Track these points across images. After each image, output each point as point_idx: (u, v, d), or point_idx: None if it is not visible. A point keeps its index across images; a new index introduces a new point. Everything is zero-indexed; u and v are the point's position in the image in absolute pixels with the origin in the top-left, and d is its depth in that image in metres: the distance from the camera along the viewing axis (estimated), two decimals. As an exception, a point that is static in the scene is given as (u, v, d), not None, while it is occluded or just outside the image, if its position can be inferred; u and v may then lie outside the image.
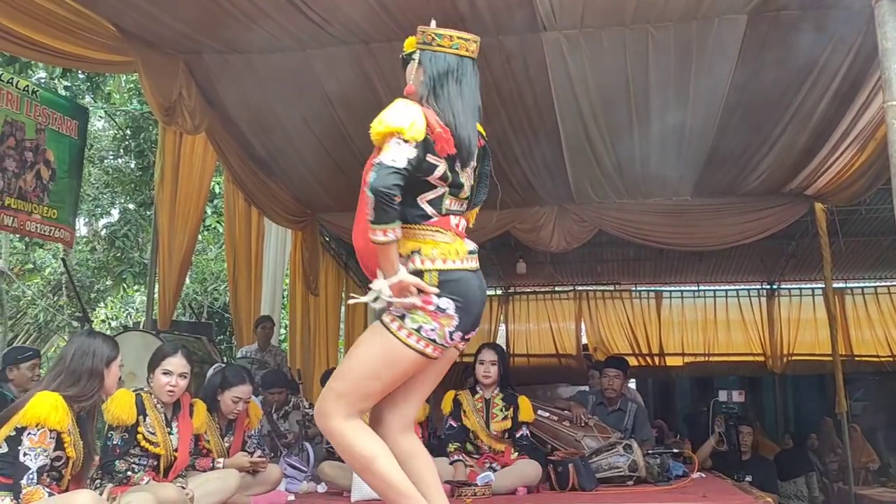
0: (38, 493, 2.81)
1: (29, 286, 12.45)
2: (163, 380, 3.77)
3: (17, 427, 2.83)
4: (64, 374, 2.98)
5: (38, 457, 2.82)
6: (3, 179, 5.75)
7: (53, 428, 2.84)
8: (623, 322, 11.79)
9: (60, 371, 3.00)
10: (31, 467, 2.81)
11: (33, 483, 2.81)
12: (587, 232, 7.70)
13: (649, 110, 5.90)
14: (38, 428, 2.81)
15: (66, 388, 2.94)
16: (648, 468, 4.99)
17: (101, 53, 5.28)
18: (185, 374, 3.82)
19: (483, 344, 5.40)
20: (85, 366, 2.99)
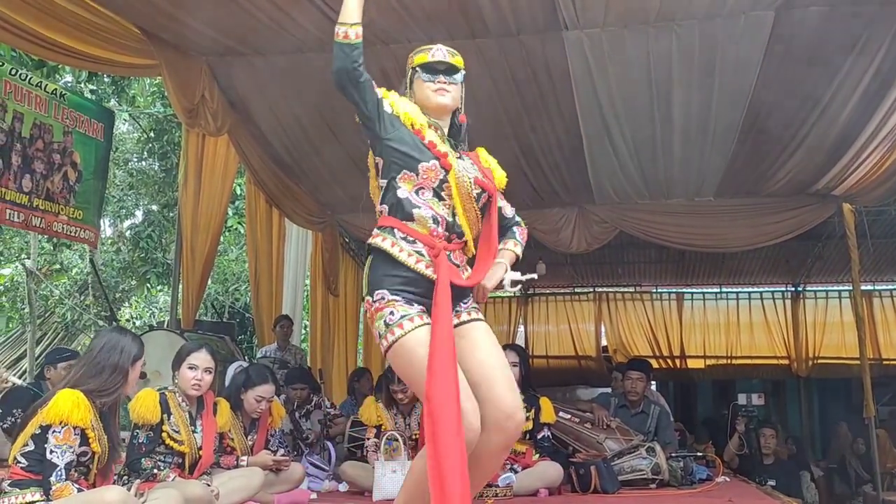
0: (68, 489, 2.85)
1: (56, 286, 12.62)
2: (189, 374, 3.81)
3: (42, 425, 2.87)
4: (87, 365, 3.03)
5: (64, 453, 2.86)
6: (32, 181, 5.83)
7: (77, 425, 2.87)
8: (644, 324, 11.70)
9: (85, 363, 3.05)
10: (59, 464, 2.85)
11: (62, 479, 2.85)
12: (608, 233, 7.65)
13: (672, 110, 5.85)
14: (62, 425, 2.85)
15: (87, 381, 2.98)
16: (672, 471, 4.96)
17: (126, 56, 5.35)
18: (210, 370, 3.86)
19: (504, 345, 5.34)
20: (111, 360, 3.03)
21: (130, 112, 10.67)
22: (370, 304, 2.54)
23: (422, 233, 2.57)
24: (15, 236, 11.46)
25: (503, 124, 6.21)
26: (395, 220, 2.58)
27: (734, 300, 11.77)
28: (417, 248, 2.56)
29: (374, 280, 2.55)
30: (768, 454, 6.33)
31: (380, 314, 2.50)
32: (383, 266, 2.55)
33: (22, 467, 2.89)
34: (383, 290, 2.52)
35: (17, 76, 5.70)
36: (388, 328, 2.48)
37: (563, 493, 4.74)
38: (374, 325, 2.52)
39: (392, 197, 2.60)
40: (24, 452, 2.89)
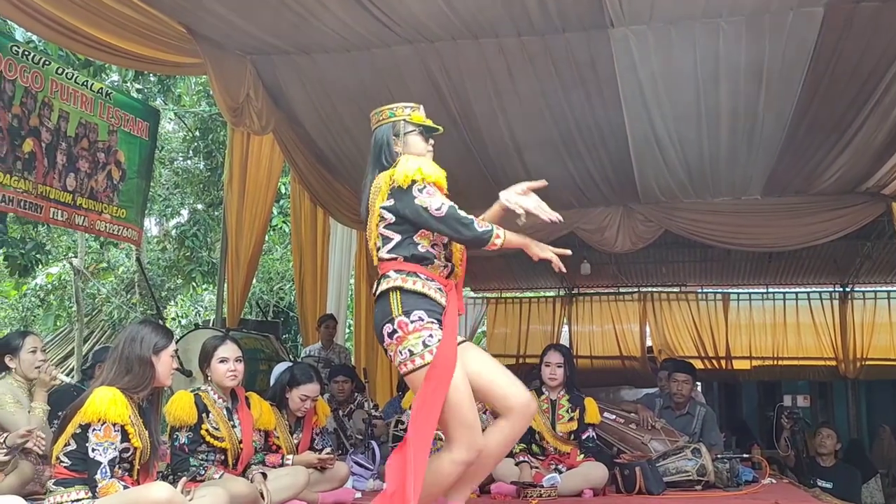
0: (114, 486, 2.86)
1: (103, 284, 12.85)
2: (222, 368, 3.83)
3: (82, 424, 2.88)
4: (117, 362, 3.03)
5: (106, 451, 2.87)
6: (76, 180, 5.92)
7: (115, 421, 2.88)
8: (689, 324, 11.53)
9: (115, 360, 3.04)
10: (102, 461, 2.85)
11: (107, 477, 2.86)
12: (653, 232, 7.55)
13: (719, 107, 5.75)
14: (101, 423, 2.86)
15: (120, 378, 2.99)
16: (717, 473, 4.88)
17: (172, 56, 5.42)
18: (240, 359, 3.89)
19: (549, 345, 5.35)
20: (134, 353, 3.02)
21: (176, 111, 10.82)
22: (405, 323, 2.84)
23: (436, 275, 2.97)
24: (63, 235, 11.68)
25: (547, 123, 6.17)
26: (416, 266, 2.93)
27: (781, 301, 11.56)
28: (437, 285, 2.95)
29: (408, 304, 2.87)
30: (826, 456, 6.16)
31: (418, 334, 2.81)
32: (414, 297, 2.89)
33: (65, 466, 2.92)
34: (421, 312, 2.85)
35: (63, 75, 5.78)
36: (426, 348, 2.81)
37: (607, 494, 4.70)
38: (404, 343, 2.82)
39: (411, 250, 2.95)
40: (67, 452, 2.91)
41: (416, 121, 3.14)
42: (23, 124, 5.41)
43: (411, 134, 3.12)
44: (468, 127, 6.33)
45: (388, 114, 3.16)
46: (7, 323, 12.94)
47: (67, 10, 4.57)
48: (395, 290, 2.88)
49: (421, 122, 3.15)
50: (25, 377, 4.18)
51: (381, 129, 3.15)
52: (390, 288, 2.89)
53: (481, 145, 6.59)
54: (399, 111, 3.15)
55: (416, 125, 3.13)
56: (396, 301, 2.87)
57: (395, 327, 2.84)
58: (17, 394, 4.10)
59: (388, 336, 2.87)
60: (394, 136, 3.10)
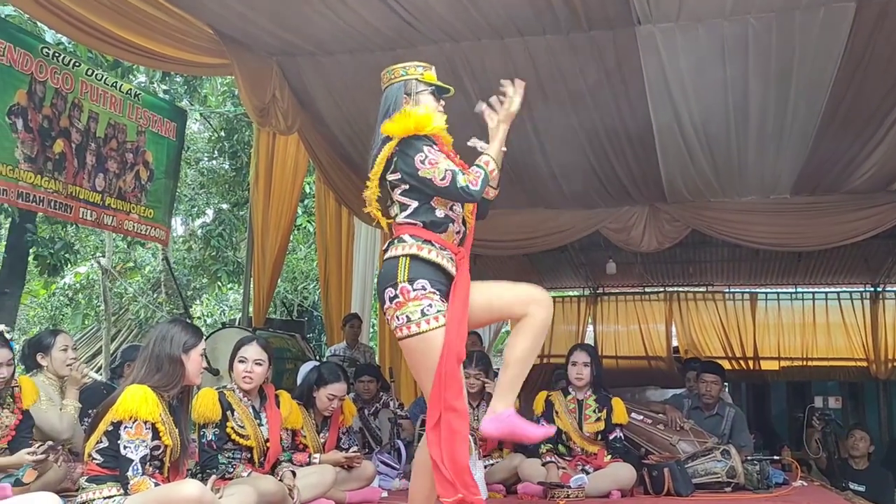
0: (145, 483, 2.88)
1: (130, 284, 12.98)
2: (239, 367, 3.85)
3: (113, 422, 2.90)
4: (148, 361, 3.05)
5: (137, 448, 2.89)
6: (105, 180, 5.98)
7: (146, 419, 2.90)
8: (716, 324, 11.43)
9: (145, 358, 3.06)
10: (134, 458, 2.87)
11: (139, 474, 2.88)
12: (680, 232, 7.47)
13: (748, 105, 5.68)
14: (133, 421, 2.88)
15: (151, 376, 3.01)
16: (747, 475, 4.83)
17: (199, 56, 5.46)
18: (261, 362, 3.87)
19: (575, 345, 5.33)
20: (164, 352, 3.04)
21: (202, 112, 10.89)
22: (407, 290, 2.83)
23: (449, 242, 2.97)
24: (90, 235, 11.81)
25: (572, 122, 6.14)
26: (431, 234, 2.93)
27: (810, 301, 11.41)
28: (447, 254, 2.94)
29: (415, 272, 2.86)
30: (859, 458, 6.06)
31: (417, 302, 2.81)
32: (423, 265, 2.88)
33: (97, 463, 2.94)
34: (424, 281, 2.84)
35: (93, 77, 5.84)
36: (423, 317, 2.80)
37: (635, 495, 4.68)
38: (403, 309, 2.81)
39: (428, 215, 2.96)
40: (99, 449, 2.94)
41: (428, 80, 3.13)
42: (53, 125, 5.48)
43: (423, 93, 3.11)
44: (492, 125, 6.30)
45: (400, 72, 3.14)
46: (36, 321, 13.12)
47: (96, 11, 4.62)
48: (407, 258, 2.88)
49: (433, 81, 3.14)
50: (57, 375, 4.25)
51: (392, 87, 3.13)
52: (402, 255, 2.89)
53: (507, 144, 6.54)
54: (412, 70, 3.14)
55: (429, 84, 3.12)
56: (405, 267, 2.86)
57: (396, 292, 2.84)
58: (48, 391, 4.17)
59: (389, 300, 2.87)
60: (405, 95, 3.08)
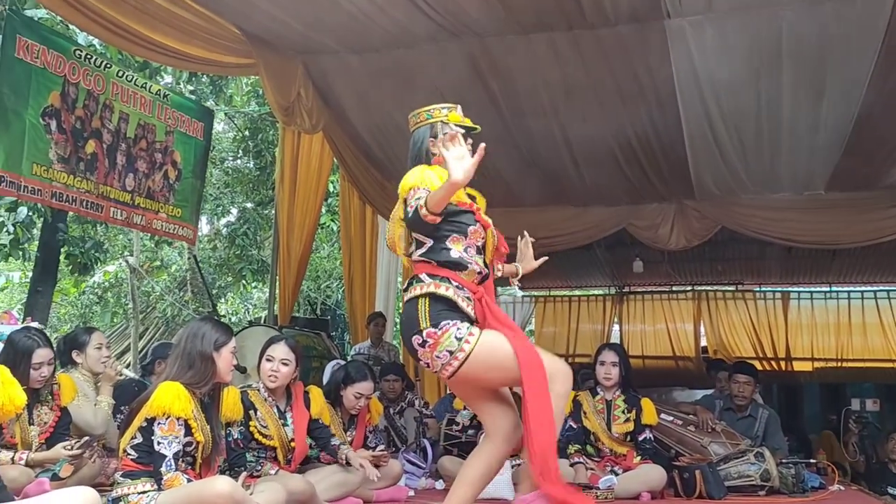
0: (178, 479, 2.91)
1: (157, 282, 13.10)
2: (266, 366, 3.87)
3: (147, 418, 2.94)
4: (180, 358, 3.07)
5: (171, 444, 2.92)
6: (135, 180, 6.02)
7: (179, 416, 2.93)
8: (746, 324, 11.23)
9: (177, 356, 3.09)
10: (167, 454, 2.91)
11: (172, 469, 2.91)
12: (709, 229, 7.35)
13: (780, 98, 5.58)
14: (166, 417, 2.91)
15: (183, 374, 3.03)
16: (782, 478, 4.73)
17: (225, 56, 5.49)
18: (287, 362, 3.88)
19: (603, 344, 5.26)
20: (196, 349, 3.06)
21: (226, 111, 10.95)
22: (435, 333, 2.82)
23: (468, 281, 2.94)
24: (119, 234, 11.93)
25: (598, 118, 6.08)
26: (449, 272, 2.92)
27: (845, 300, 11.17)
28: (466, 294, 2.92)
29: (435, 315, 2.85)
30: None
31: (447, 334, 2.81)
32: (443, 305, 2.87)
33: (132, 459, 2.97)
34: (446, 320, 2.84)
35: (123, 78, 5.89)
36: (460, 342, 2.80)
37: (665, 498, 4.60)
38: (439, 349, 2.81)
39: (444, 255, 2.94)
40: (133, 445, 2.97)
41: (452, 121, 3.13)
42: (85, 126, 5.54)
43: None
44: (516, 123, 6.27)
45: (425, 116, 3.17)
46: (67, 319, 13.28)
47: (126, 12, 4.67)
48: (425, 297, 2.88)
49: (458, 122, 3.14)
50: (92, 372, 4.32)
51: (419, 132, 3.16)
52: (421, 295, 2.89)
53: (530, 141, 6.51)
54: (436, 112, 3.15)
55: (450, 124, 3.11)
56: (424, 311, 2.86)
57: (424, 338, 2.84)
58: (84, 388, 4.23)
59: (420, 346, 2.86)
60: (431, 138, 3.09)
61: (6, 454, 3.55)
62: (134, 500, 2.89)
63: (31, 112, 5.08)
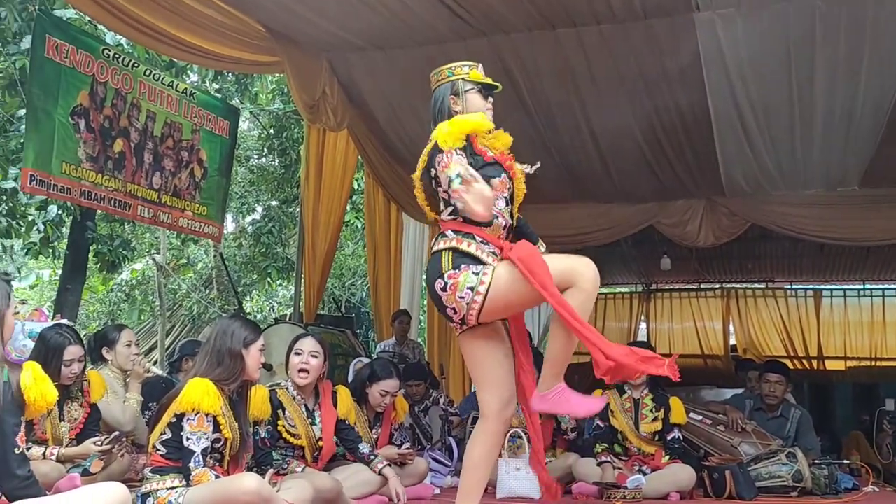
0: (206, 475, 2.91)
1: (184, 280, 13.21)
2: (295, 360, 3.86)
3: (177, 413, 2.95)
4: (209, 355, 3.09)
5: (199, 440, 2.92)
6: (161, 178, 6.06)
7: (208, 412, 2.93)
8: (777, 322, 11.11)
9: (207, 352, 3.11)
10: (196, 450, 2.91)
11: (200, 465, 2.91)
12: (738, 226, 7.25)
13: (813, 93, 5.49)
14: (195, 413, 2.91)
15: (212, 370, 3.04)
16: (814, 479, 4.66)
17: (251, 54, 5.51)
18: (316, 354, 3.88)
19: (630, 342, 5.19)
20: (225, 346, 3.07)
21: (252, 109, 10.99)
22: (455, 274, 2.86)
23: (493, 236, 2.94)
24: (146, 232, 12.04)
25: (626, 114, 6.03)
26: (473, 227, 2.91)
27: (879, 297, 11.02)
28: (491, 249, 2.92)
29: (457, 261, 2.88)
30: None
31: (465, 274, 2.84)
32: (466, 258, 2.89)
33: (161, 455, 2.98)
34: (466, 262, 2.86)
35: (150, 77, 5.93)
36: (478, 276, 2.83)
37: (695, 498, 4.55)
38: (459, 289, 2.84)
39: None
40: (162, 441, 2.98)
41: (474, 79, 3.12)
42: (113, 125, 5.58)
43: (470, 92, 3.11)
44: (544, 119, 6.23)
45: (446, 73, 3.15)
46: (96, 316, 13.44)
47: (153, 12, 4.70)
48: (448, 251, 2.91)
49: (479, 79, 3.13)
50: (121, 369, 4.35)
51: (440, 89, 3.14)
52: (445, 248, 2.92)
53: (557, 137, 6.46)
54: (458, 70, 3.14)
55: (475, 83, 3.12)
56: (448, 260, 2.90)
57: (445, 280, 2.88)
58: (113, 384, 4.27)
59: (441, 290, 2.90)
60: (452, 95, 3.09)
61: (38, 449, 3.59)
62: (163, 495, 2.89)
63: (60, 111, 5.13)
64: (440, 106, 3.10)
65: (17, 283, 12.29)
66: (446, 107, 3.07)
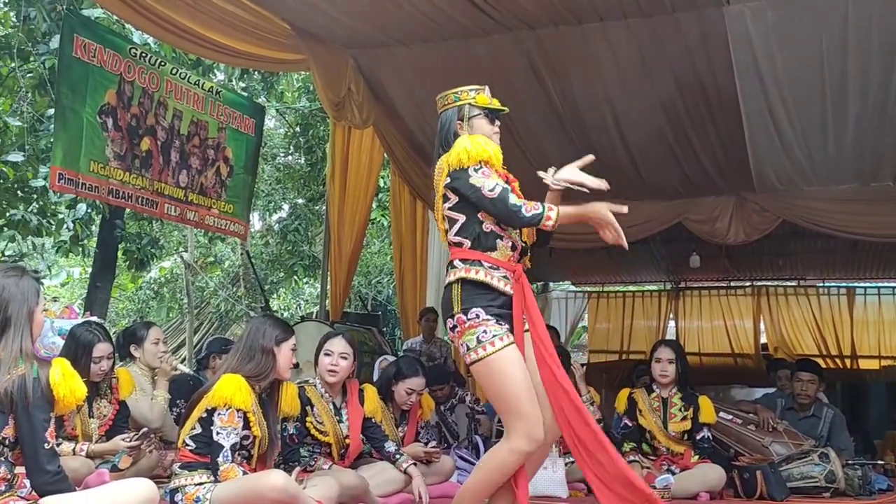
0: (234, 470, 2.93)
1: (211, 278, 13.32)
2: (325, 360, 3.87)
3: (208, 409, 2.97)
4: (241, 351, 3.13)
5: (229, 435, 2.94)
6: (188, 176, 6.10)
7: (239, 407, 2.96)
8: (809, 320, 10.89)
9: (239, 349, 3.15)
10: (225, 445, 2.93)
11: (228, 460, 2.93)
12: (769, 223, 7.11)
13: (846, 86, 5.37)
14: (226, 408, 2.94)
15: (243, 366, 3.07)
16: (848, 480, 4.57)
17: (276, 52, 5.53)
18: (346, 356, 3.88)
19: (659, 341, 5.13)
20: (257, 343, 3.11)
21: (278, 108, 11.04)
22: (463, 320, 2.87)
23: (502, 260, 2.93)
24: (174, 230, 12.15)
25: (654, 109, 5.95)
26: (480, 254, 2.91)
27: (916, 295, 10.78)
28: (502, 273, 2.91)
29: (468, 300, 2.87)
30: None
31: (472, 331, 2.85)
32: (476, 290, 2.89)
33: (190, 450, 3.01)
34: (478, 309, 2.86)
35: (177, 75, 5.97)
36: (479, 344, 2.83)
37: (725, 498, 4.48)
38: (463, 338, 2.87)
39: (476, 231, 2.93)
40: (192, 436, 3.01)
41: (480, 104, 3.11)
42: (140, 124, 5.63)
43: (476, 118, 3.09)
44: (570, 115, 6.16)
45: (452, 98, 3.14)
46: (125, 314, 13.61)
47: (179, 10, 4.73)
48: (458, 283, 2.90)
49: (486, 104, 3.12)
50: (149, 366, 4.38)
51: (446, 114, 3.14)
52: (454, 281, 2.92)
53: (583, 133, 6.39)
54: (464, 95, 3.12)
55: (481, 108, 3.11)
56: (457, 296, 2.89)
57: (455, 322, 2.90)
58: (141, 382, 4.30)
59: (451, 330, 2.95)
60: (458, 121, 3.08)
61: (68, 445, 3.63)
62: (191, 491, 2.92)
63: (88, 110, 5.17)
64: (447, 131, 3.09)
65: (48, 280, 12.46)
66: (452, 132, 3.06)
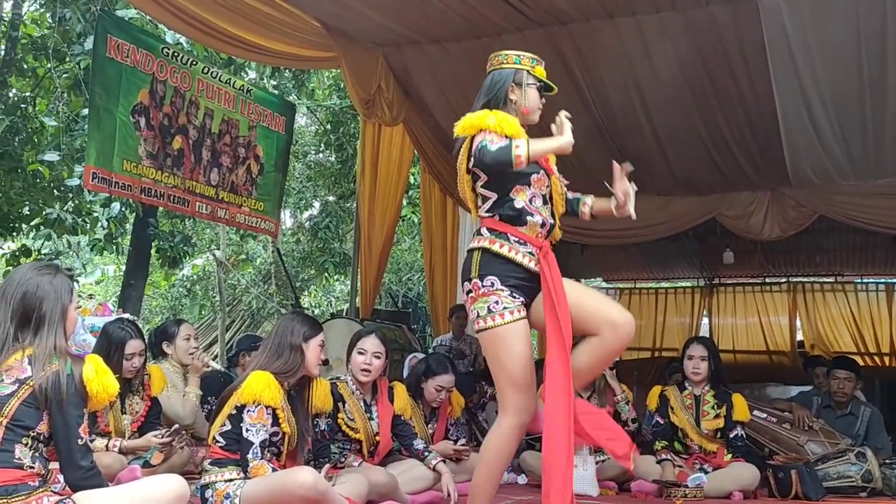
0: (264, 467, 2.94)
1: (243, 275, 13.44)
2: (358, 359, 3.86)
3: (237, 405, 2.98)
4: (270, 348, 3.14)
5: (258, 432, 2.95)
6: (219, 174, 6.16)
7: (269, 404, 2.96)
8: (847, 317, 10.66)
9: (268, 346, 3.17)
10: (255, 442, 2.94)
11: (258, 457, 2.94)
12: (805, 218, 6.97)
13: (885, 77, 5.25)
14: (256, 405, 2.95)
15: (272, 362, 3.08)
16: (885, 479, 4.47)
17: (307, 50, 5.56)
18: (379, 355, 3.88)
19: (691, 338, 5.06)
20: (286, 340, 3.12)
21: (308, 105, 11.11)
22: (478, 286, 2.84)
23: (531, 236, 2.89)
24: (206, 228, 12.29)
25: (687, 103, 5.88)
26: (508, 227, 2.88)
27: (955, 292, 10.50)
28: (528, 249, 2.87)
29: (486, 267, 2.85)
30: None
31: (485, 298, 2.82)
32: (497, 260, 2.85)
33: (220, 446, 3.02)
34: (494, 277, 2.83)
35: (208, 74, 6.03)
36: (489, 313, 2.81)
37: (759, 498, 4.40)
38: (475, 305, 2.85)
39: (508, 208, 2.88)
40: (222, 432, 3.01)
41: (538, 75, 3.04)
42: (172, 123, 5.69)
43: (531, 87, 3.00)
44: (602, 110, 6.13)
45: (513, 59, 3.02)
46: (158, 311, 13.79)
47: (212, 10, 4.79)
48: (479, 251, 2.88)
49: (543, 77, 3.05)
50: (180, 363, 4.42)
51: (502, 72, 3.00)
52: (477, 248, 2.90)
53: (616, 129, 6.34)
54: (525, 61, 3.02)
55: (538, 80, 3.03)
56: (477, 261, 2.87)
57: (470, 287, 2.88)
58: (172, 378, 4.34)
59: (466, 293, 2.92)
60: (514, 83, 2.98)
61: (101, 441, 3.67)
62: (221, 487, 2.93)
63: (121, 110, 5.25)
64: (498, 90, 2.97)
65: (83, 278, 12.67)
66: (503, 92, 2.96)
